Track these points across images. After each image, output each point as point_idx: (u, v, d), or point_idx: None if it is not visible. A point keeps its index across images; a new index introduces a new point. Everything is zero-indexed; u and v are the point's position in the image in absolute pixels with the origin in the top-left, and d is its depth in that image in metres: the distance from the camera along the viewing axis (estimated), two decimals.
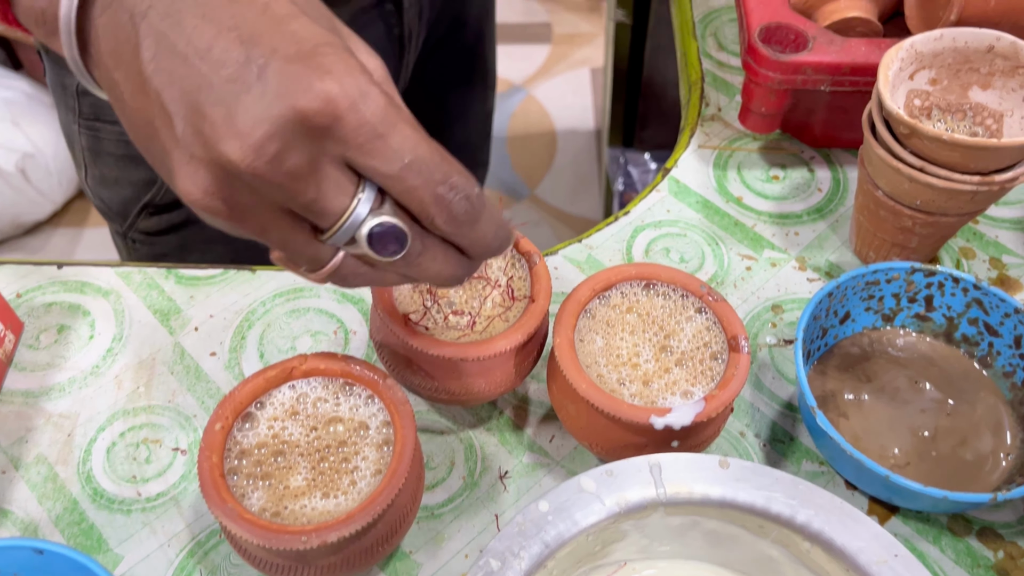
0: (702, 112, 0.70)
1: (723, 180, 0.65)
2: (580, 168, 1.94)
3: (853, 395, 0.52)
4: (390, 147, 0.31)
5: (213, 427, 0.41)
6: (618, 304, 0.48)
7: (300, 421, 0.43)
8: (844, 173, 0.65)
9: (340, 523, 0.38)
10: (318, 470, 0.41)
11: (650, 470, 0.40)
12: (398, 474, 0.40)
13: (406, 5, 0.67)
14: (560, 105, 2.07)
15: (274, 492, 0.40)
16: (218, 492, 0.39)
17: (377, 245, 0.33)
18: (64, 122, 0.67)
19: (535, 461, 0.50)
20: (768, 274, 0.59)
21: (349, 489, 0.40)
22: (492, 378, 0.47)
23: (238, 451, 0.41)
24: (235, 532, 0.38)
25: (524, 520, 0.38)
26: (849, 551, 0.38)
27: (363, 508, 0.39)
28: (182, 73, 0.31)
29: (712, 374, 0.45)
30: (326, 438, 0.42)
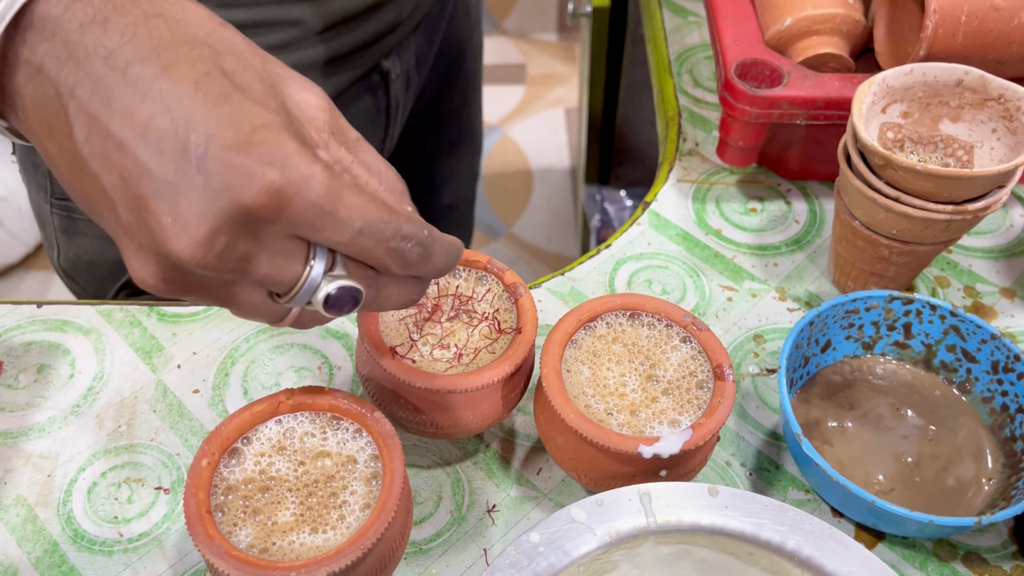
0: (680, 147, 0.71)
1: (702, 213, 0.66)
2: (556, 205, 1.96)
3: (837, 422, 0.52)
4: (337, 219, 0.32)
5: (199, 463, 0.41)
6: (604, 334, 0.48)
7: (287, 456, 0.42)
8: (820, 205, 0.66)
9: (329, 558, 0.38)
10: (306, 505, 0.41)
11: (640, 499, 0.40)
12: (387, 508, 0.39)
13: (392, 77, 0.68)
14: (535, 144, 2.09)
15: (262, 528, 0.40)
16: (205, 529, 0.39)
17: (333, 308, 0.34)
18: (35, 201, 0.65)
19: (523, 494, 0.50)
20: (749, 305, 0.60)
21: (338, 524, 0.40)
22: (480, 410, 0.47)
23: (225, 487, 0.41)
24: (222, 569, 0.37)
25: (515, 552, 0.38)
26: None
27: (352, 543, 0.38)
28: (119, 160, 0.30)
29: (699, 403, 0.45)
30: (314, 473, 0.42)
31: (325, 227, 0.32)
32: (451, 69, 0.79)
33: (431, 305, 0.48)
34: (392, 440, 0.42)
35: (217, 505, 0.40)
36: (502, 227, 1.92)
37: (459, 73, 0.81)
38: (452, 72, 0.80)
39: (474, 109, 0.87)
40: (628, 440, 0.43)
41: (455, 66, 0.80)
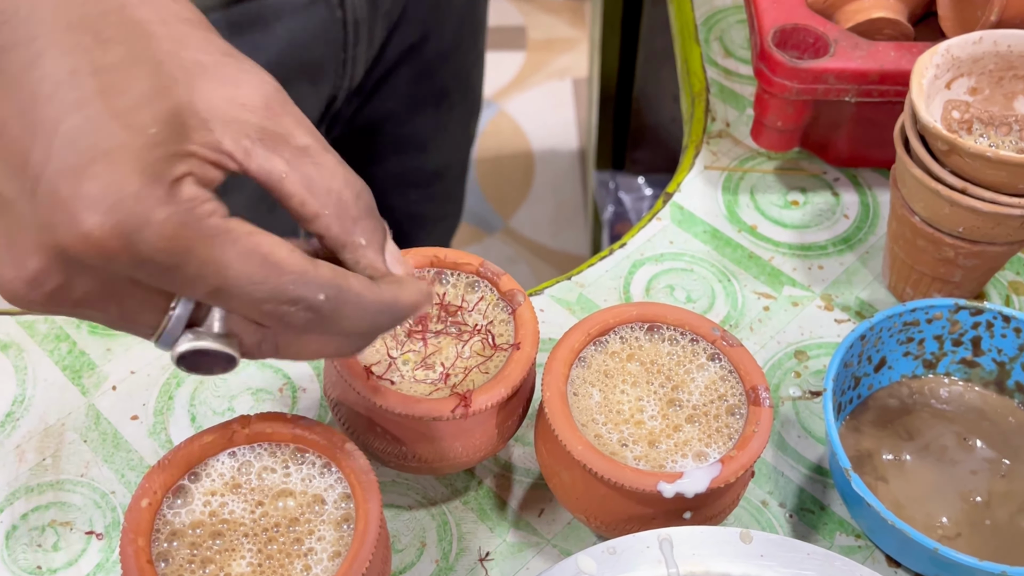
0: (708, 128, 0.71)
1: (734, 206, 0.66)
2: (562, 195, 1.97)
3: (893, 455, 0.52)
4: (186, 276, 0.31)
5: (139, 504, 0.41)
6: (617, 351, 0.48)
7: (243, 495, 0.42)
8: (874, 197, 0.67)
9: None
10: (265, 553, 0.41)
11: (660, 546, 0.41)
12: (360, 557, 0.40)
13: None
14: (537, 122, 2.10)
15: None
16: None
17: (193, 370, 0.34)
18: None
19: (522, 540, 0.50)
20: (789, 315, 0.60)
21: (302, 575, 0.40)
22: (470, 441, 0.47)
23: (168, 532, 0.41)
24: None
25: None
26: None
27: None
28: None
29: (729, 432, 0.45)
30: (274, 515, 0.42)
31: (171, 282, 0.31)
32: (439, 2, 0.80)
33: None
34: (367, 476, 0.42)
35: (160, 554, 0.41)
36: (498, 220, 1.93)
37: (449, 4, 0.81)
38: (441, 5, 0.80)
39: (468, 55, 0.87)
40: (646, 476, 0.43)
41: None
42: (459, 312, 0.49)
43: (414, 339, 0.48)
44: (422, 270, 0.50)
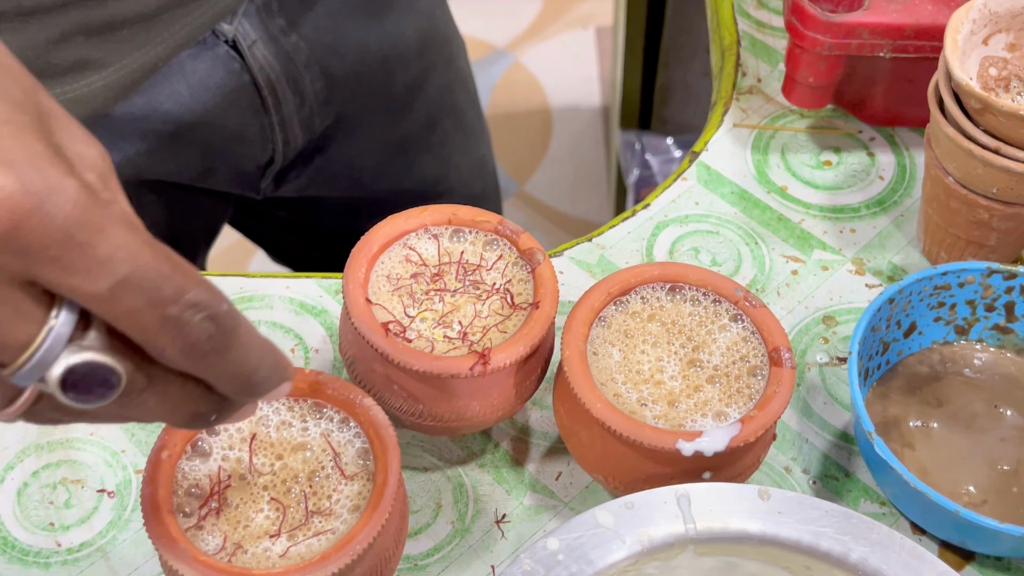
0: (738, 84, 0.76)
1: (763, 166, 0.71)
2: (583, 156, 2.00)
3: (920, 422, 0.57)
4: (94, 258, 0.31)
5: (158, 455, 0.46)
6: (638, 311, 0.53)
7: (261, 449, 0.48)
8: (911, 157, 0.72)
9: (313, 565, 0.43)
10: (283, 507, 0.46)
11: (677, 502, 0.46)
12: (381, 509, 0.45)
13: (244, 44, 0.71)
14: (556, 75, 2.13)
15: (232, 533, 0.45)
16: (167, 531, 0.44)
17: (72, 391, 0.32)
18: None
19: (538, 503, 0.56)
20: (818, 279, 0.65)
21: (321, 528, 0.46)
22: (488, 400, 0.52)
23: (187, 484, 0.46)
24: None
25: (529, 560, 0.44)
26: None
27: (340, 548, 0.44)
28: None
29: (750, 392, 0.50)
30: (293, 469, 0.47)
31: (74, 266, 0.31)
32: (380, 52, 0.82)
33: (431, 275, 0.53)
34: (386, 431, 0.47)
35: (179, 505, 0.46)
36: (512, 184, 1.96)
37: (401, 37, 0.83)
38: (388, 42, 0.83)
39: (442, 77, 0.89)
40: (665, 435, 0.48)
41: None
42: (477, 270, 0.54)
43: (432, 297, 0.53)
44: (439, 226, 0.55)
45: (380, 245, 0.54)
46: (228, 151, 0.76)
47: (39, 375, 0.32)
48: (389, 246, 0.54)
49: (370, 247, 0.53)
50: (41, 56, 0.62)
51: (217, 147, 0.75)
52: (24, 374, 0.32)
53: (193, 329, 0.33)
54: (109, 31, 0.64)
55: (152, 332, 0.32)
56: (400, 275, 0.53)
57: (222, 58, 0.71)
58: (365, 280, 0.52)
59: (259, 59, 0.72)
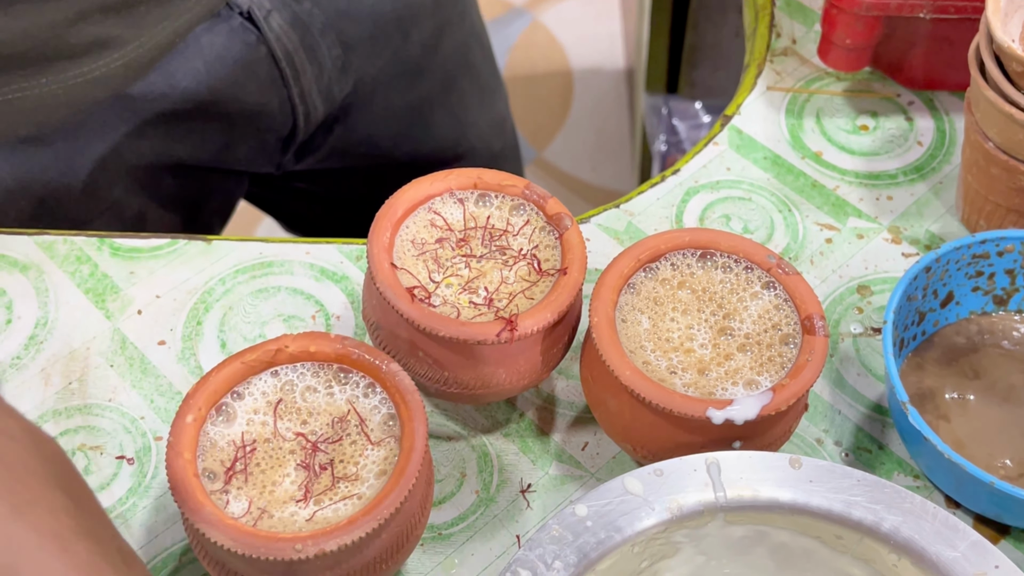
0: (772, 45, 0.78)
1: (798, 131, 0.73)
2: (605, 122, 2.01)
3: (957, 394, 0.60)
4: None
5: (183, 419, 0.49)
6: (668, 278, 0.56)
7: (287, 414, 0.50)
8: (952, 123, 0.74)
9: (340, 530, 0.46)
10: (309, 472, 0.49)
11: (707, 469, 0.48)
12: (408, 474, 0.48)
13: (259, 15, 0.74)
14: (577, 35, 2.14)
15: (257, 498, 0.48)
16: (193, 494, 0.47)
17: None
18: None
19: (564, 473, 0.58)
20: (853, 248, 0.67)
21: (348, 493, 0.48)
22: (515, 367, 0.55)
23: (213, 449, 0.49)
24: (215, 540, 0.46)
25: (558, 526, 0.46)
26: (943, 563, 0.46)
27: (367, 512, 0.46)
28: None
29: (782, 361, 0.53)
30: (319, 434, 0.50)
31: None
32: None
33: (456, 240, 0.56)
34: (412, 396, 0.50)
35: (205, 469, 0.49)
36: (530, 151, 1.98)
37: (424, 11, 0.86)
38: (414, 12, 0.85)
39: (456, 34, 0.92)
40: (694, 403, 0.51)
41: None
42: (504, 236, 0.57)
43: (457, 263, 0.55)
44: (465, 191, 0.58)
45: (405, 209, 0.56)
46: (248, 127, 0.79)
47: None
48: (414, 210, 0.57)
49: (394, 211, 0.56)
50: (59, 36, 0.65)
51: (237, 124, 0.78)
52: None
53: None
54: (126, 7, 0.67)
55: None
56: (425, 240, 0.56)
57: (237, 30, 0.74)
58: (390, 245, 0.55)
59: (275, 29, 0.75)
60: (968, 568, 0.46)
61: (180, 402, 0.58)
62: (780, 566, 0.50)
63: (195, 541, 0.50)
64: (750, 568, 0.50)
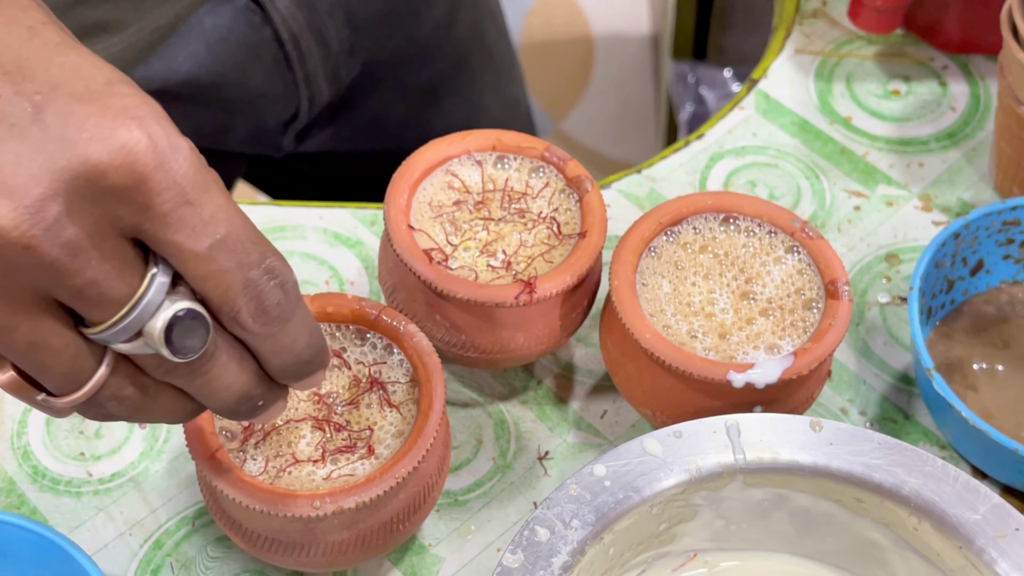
0: (801, 6, 0.82)
1: (827, 95, 0.77)
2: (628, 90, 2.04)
3: (986, 364, 0.63)
4: (199, 218, 0.37)
5: None
6: (690, 242, 0.59)
7: None
8: (986, 88, 0.77)
9: (358, 488, 0.50)
10: (327, 432, 0.53)
11: (727, 431, 0.52)
12: (425, 434, 0.52)
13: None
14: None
15: (276, 457, 0.52)
16: (210, 451, 0.51)
17: (177, 340, 0.38)
18: None
19: (583, 441, 0.62)
20: (882, 215, 0.71)
21: (365, 454, 0.52)
22: (533, 331, 0.58)
23: None
24: (234, 498, 0.50)
25: (576, 485, 0.50)
26: (964, 525, 0.50)
27: (385, 471, 0.50)
28: None
29: (804, 326, 0.57)
30: (337, 395, 0.54)
31: (182, 223, 0.37)
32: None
33: (474, 202, 0.60)
34: (430, 357, 0.54)
35: (223, 428, 0.53)
36: (547, 122, 2.01)
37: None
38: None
39: (472, 11, 0.94)
40: (715, 366, 0.54)
41: None
42: (523, 198, 0.60)
43: (476, 225, 0.59)
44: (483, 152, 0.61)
45: (422, 171, 0.60)
46: (249, 111, 0.81)
47: (137, 328, 0.38)
48: (431, 172, 0.61)
49: (411, 173, 0.60)
50: (59, 19, 0.68)
51: (238, 107, 0.80)
52: (123, 328, 0.38)
53: (268, 294, 0.40)
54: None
55: (233, 293, 0.39)
56: (442, 202, 0.60)
57: (242, 11, 0.76)
58: (407, 206, 0.59)
59: (280, 10, 0.77)
60: (989, 531, 0.50)
61: None
62: (800, 530, 0.54)
63: (211, 500, 0.54)
64: (769, 532, 0.54)
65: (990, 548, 0.49)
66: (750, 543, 0.55)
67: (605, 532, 0.50)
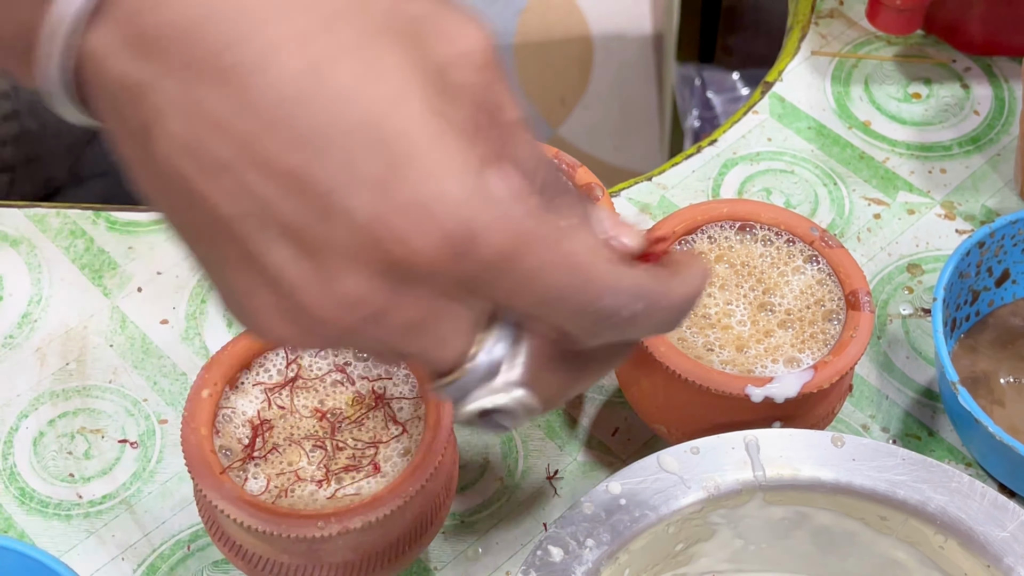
0: (817, 6, 0.83)
1: (845, 99, 0.79)
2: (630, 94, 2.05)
3: (1012, 378, 0.65)
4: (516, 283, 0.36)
5: (199, 394, 0.55)
6: (705, 251, 0.61)
7: (307, 391, 0.56)
8: (1011, 90, 0.79)
9: (365, 506, 0.51)
10: (330, 450, 0.54)
11: (746, 448, 0.54)
12: (434, 450, 0.53)
13: None
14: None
15: (277, 476, 0.54)
16: (210, 469, 0.52)
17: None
18: None
19: (594, 459, 0.64)
20: (904, 224, 0.73)
21: (371, 472, 0.54)
22: None
23: (229, 425, 0.55)
24: (235, 518, 0.51)
25: (590, 503, 0.52)
26: (991, 543, 0.51)
27: (393, 489, 0.52)
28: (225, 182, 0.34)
29: (825, 338, 0.58)
30: (340, 412, 0.55)
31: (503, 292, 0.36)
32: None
33: None
34: None
35: (222, 446, 0.54)
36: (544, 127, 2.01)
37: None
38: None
39: None
40: (733, 380, 0.56)
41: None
42: None
43: None
44: None
45: None
46: None
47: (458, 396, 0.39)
48: None
49: None
50: None
51: None
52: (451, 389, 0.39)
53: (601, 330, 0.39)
54: None
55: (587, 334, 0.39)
56: None
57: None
58: None
59: None
60: (1018, 549, 0.51)
61: (185, 384, 0.64)
62: (822, 550, 0.56)
63: (210, 522, 0.55)
64: (790, 552, 0.56)
65: (1019, 567, 0.51)
66: (770, 564, 0.57)
67: (620, 552, 0.52)
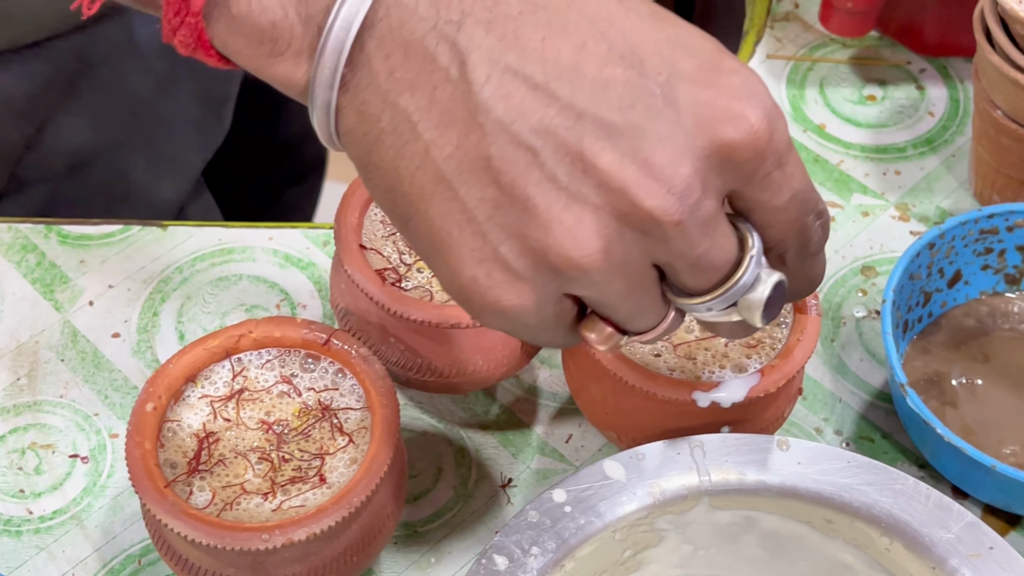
0: (772, 9, 0.84)
1: (799, 101, 0.79)
2: None
3: (965, 378, 0.66)
4: (784, 175, 0.43)
5: (143, 408, 0.55)
6: None
7: (252, 402, 0.57)
8: (966, 91, 0.80)
9: (310, 518, 0.52)
10: (276, 462, 0.55)
11: (691, 453, 0.55)
12: (379, 460, 0.54)
13: None
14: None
15: (222, 489, 0.54)
16: (154, 484, 0.53)
17: (770, 309, 0.45)
18: None
19: (547, 467, 0.64)
20: (858, 226, 0.73)
21: (317, 483, 0.55)
22: (492, 354, 0.61)
23: (175, 438, 0.55)
24: (179, 532, 0.52)
25: (535, 512, 0.53)
26: (936, 545, 0.52)
27: (338, 500, 0.53)
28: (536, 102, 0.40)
29: (772, 343, 0.59)
30: (286, 423, 0.56)
31: (771, 182, 0.43)
32: None
33: None
34: (383, 382, 0.56)
35: (167, 460, 0.55)
36: None
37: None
38: None
39: None
40: (680, 386, 0.57)
41: None
42: None
43: None
44: None
45: None
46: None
47: (737, 298, 0.45)
48: None
49: (363, 190, 0.62)
50: None
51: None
52: (726, 296, 0.44)
53: (813, 235, 0.46)
54: None
55: (790, 237, 0.45)
56: None
57: None
58: (358, 225, 0.61)
59: None
60: (963, 550, 0.52)
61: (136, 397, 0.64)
62: (771, 554, 0.56)
63: (157, 536, 0.56)
64: (739, 557, 0.57)
65: (963, 568, 0.52)
66: (720, 569, 0.57)
67: (566, 559, 0.52)
